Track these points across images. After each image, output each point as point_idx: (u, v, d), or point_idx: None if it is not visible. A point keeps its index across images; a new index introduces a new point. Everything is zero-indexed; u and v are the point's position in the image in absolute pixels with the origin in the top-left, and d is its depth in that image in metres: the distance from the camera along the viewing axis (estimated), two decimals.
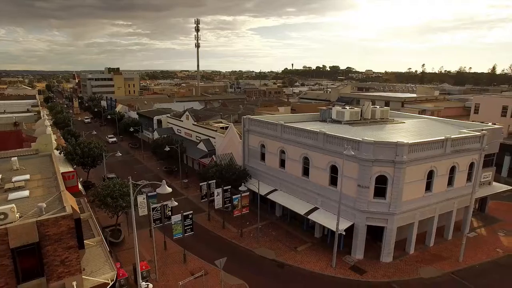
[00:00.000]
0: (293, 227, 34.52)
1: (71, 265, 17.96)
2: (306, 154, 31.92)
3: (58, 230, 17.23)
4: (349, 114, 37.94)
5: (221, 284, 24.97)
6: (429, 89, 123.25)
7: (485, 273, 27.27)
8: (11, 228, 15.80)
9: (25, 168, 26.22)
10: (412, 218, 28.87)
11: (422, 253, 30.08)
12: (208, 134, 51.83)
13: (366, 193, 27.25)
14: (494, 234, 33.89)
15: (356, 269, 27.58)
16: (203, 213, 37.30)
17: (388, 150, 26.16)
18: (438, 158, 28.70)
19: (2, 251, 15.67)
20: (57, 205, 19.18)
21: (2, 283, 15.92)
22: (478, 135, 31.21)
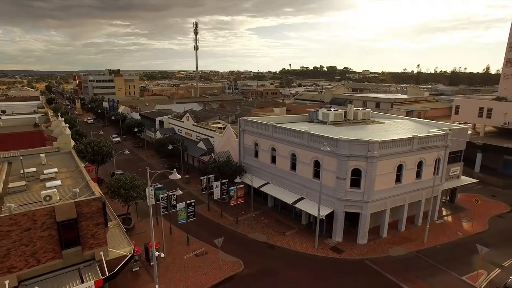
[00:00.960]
0: (283, 216, 39.09)
1: (99, 238, 22.48)
2: (294, 151, 36.50)
3: (90, 209, 21.73)
4: (333, 116, 42.53)
5: (219, 261, 29.52)
6: (419, 90, 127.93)
7: (444, 251, 31.93)
8: (57, 206, 20.29)
9: (51, 163, 30.66)
10: (384, 206, 33.49)
11: (394, 237, 34.70)
12: (207, 134, 56.32)
13: (343, 184, 31.86)
14: (458, 221, 38.60)
15: (335, 249, 32.17)
16: (203, 204, 41.78)
17: (361, 147, 30.77)
18: (407, 154, 33.35)
19: (50, 224, 20.16)
20: (86, 191, 23.66)
21: (51, 249, 20.40)
22: (443, 134, 35.89)
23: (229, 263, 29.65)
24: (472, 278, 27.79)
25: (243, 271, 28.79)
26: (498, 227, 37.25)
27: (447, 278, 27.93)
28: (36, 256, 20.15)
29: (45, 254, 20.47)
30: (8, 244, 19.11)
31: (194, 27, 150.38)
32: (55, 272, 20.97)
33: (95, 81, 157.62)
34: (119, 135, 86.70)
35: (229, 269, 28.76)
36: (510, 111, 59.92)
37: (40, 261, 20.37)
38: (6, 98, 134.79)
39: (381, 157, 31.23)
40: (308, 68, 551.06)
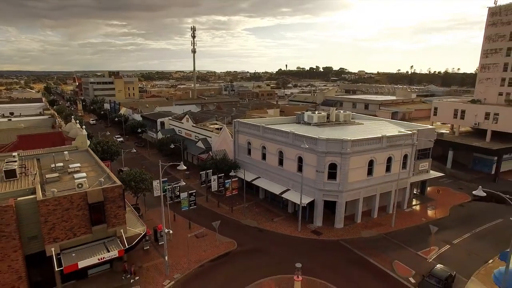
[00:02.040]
0: (272, 205, 44.71)
1: (120, 218, 27.99)
2: (281, 149, 42.12)
3: (113, 194, 27.22)
4: (317, 118, 48.17)
5: (216, 241, 35.07)
6: (408, 92, 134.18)
7: (407, 233, 37.67)
8: (88, 191, 25.77)
9: (73, 159, 36.07)
10: (358, 195, 39.18)
11: (366, 222, 40.39)
12: (205, 134, 61.81)
13: (322, 176, 37.49)
14: (424, 209, 44.42)
15: (316, 232, 37.80)
16: (202, 196, 47.27)
17: (336, 144, 36.43)
18: (377, 151, 39.03)
19: (83, 205, 25.63)
20: (108, 180, 29.14)
21: (84, 225, 25.87)
22: (409, 134, 41.64)
23: (225, 243, 35.21)
24: (425, 252, 33.55)
25: (236, 249, 34.37)
26: (457, 214, 43.08)
27: (406, 252, 33.65)
28: (73, 230, 25.63)
29: (79, 229, 25.95)
30: (54, 220, 24.58)
31: (191, 31, 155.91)
32: (87, 244, 26.46)
33: (96, 83, 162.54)
34: (121, 135, 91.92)
35: (224, 247, 34.33)
36: (480, 113, 65.95)
37: (76, 235, 25.85)
38: (10, 100, 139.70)
39: (354, 154, 36.91)
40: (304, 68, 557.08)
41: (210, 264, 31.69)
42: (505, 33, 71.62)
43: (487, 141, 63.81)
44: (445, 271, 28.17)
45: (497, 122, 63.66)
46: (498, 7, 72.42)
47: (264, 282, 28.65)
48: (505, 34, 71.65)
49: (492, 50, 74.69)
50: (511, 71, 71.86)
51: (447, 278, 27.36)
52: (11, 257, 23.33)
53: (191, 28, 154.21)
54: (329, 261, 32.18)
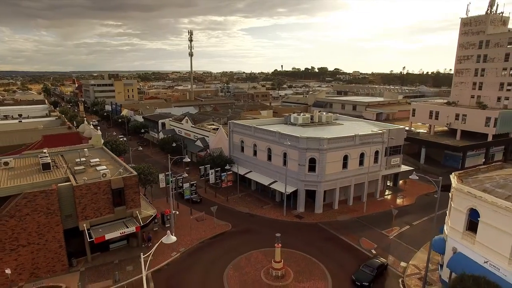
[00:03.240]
0: (262, 195, 51.34)
1: (136, 201, 34.47)
2: (269, 146, 48.77)
3: (130, 182, 33.70)
4: (302, 119, 54.89)
5: (214, 224, 41.62)
6: (394, 94, 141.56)
7: (376, 217, 44.36)
8: (112, 179, 32.25)
9: (92, 155, 42.43)
10: (334, 185, 45.88)
11: (343, 208, 47.11)
12: (203, 134, 68.31)
13: (303, 169, 44.17)
14: (394, 198, 51.29)
15: (298, 216, 44.47)
16: (201, 188, 53.73)
17: (315, 142, 43.13)
18: (351, 147, 45.77)
19: (108, 190, 32.09)
20: (125, 171, 35.60)
21: (107, 206, 32.33)
22: (380, 133, 48.45)
23: (221, 225, 41.79)
24: (388, 231, 40.38)
25: (231, 229, 40.98)
26: (422, 201, 49.97)
27: (372, 232, 40.41)
28: (100, 210, 32.08)
29: (104, 210, 32.42)
30: (85, 202, 31.03)
31: (189, 35, 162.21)
32: (110, 222, 32.93)
33: (96, 85, 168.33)
34: (124, 135, 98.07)
35: (221, 228, 40.93)
36: (451, 114, 73.12)
37: (102, 214, 32.31)
38: (14, 102, 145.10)
39: (330, 150, 43.64)
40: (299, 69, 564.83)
41: (209, 241, 38.28)
42: (475, 41, 78.89)
43: (457, 140, 71.00)
44: (378, 262, 32.35)
45: (465, 122, 70.88)
46: (469, 18, 79.67)
47: (253, 253, 35.30)
48: (475, 42, 78.93)
49: (464, 57, 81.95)
50: (481, 76, 79.16)
51: (379, 267, 31.50)
52: (55, 230, 29.74)
53: (189, 32, 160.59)
54: (308, 239, 38.83)
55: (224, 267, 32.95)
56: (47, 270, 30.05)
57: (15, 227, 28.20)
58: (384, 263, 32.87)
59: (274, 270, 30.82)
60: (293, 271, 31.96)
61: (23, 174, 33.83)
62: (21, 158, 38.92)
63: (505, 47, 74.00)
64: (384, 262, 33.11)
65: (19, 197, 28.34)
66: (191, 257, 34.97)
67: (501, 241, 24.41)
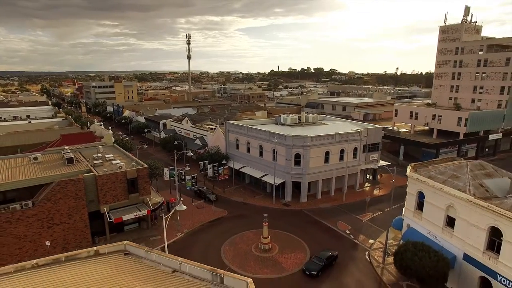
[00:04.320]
0: (255, 187, 57.86)
1: (146, 189, 40.90)
2: (261, 143, 55.28)
3: (142, 173, 40.12)
4: (290, 119, 61.48)
5: (212, 210, 48.09)
6: (383, 95, 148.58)
7: (354, 205, 50.99)
8: (127, 171, 38.66)
9: (106, 151, 48.72)
10: (317, 177, 52.47)
11: (325, 198, 53.72)
12: (202, 133, 74.69)
13: (290, 163, 50.72)
14: (372, 190, 57.96)
15: (286, 205, 51.02)
16: (200, 182, 60.17)
17: (299, 139, 49.70)
18: (331, 144, 52.36)
19: (124, 180, 38.49)
20: (137, 164, 41.97)
21: (123, 193, 38.71)
22: (357, 132, 55.08)
23: (219, 211, 48.29)
24: (362, 216, 47.08)
25: (227, 215, 47.48)
26: (396, 192, 56.24)
27: (349, 217, 47.05)
28: (117, 196, 38.48)
29: (121, 196, 38.83)
30: (105, 189, 37.43)
31: (187, 38, 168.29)
32: (125, 206, 39.32)
33: (97, 87, 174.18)
34: (127, 135, 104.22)
35: (218, 214, 47.43)
36: (429, 115, 80.00)
37: (119, 200, 38.71)
38: (20, 104, 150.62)
39: (313, 146, 50.23)
40: (295, 69, 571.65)
41: (208, 224, 44.79)
42: (451, 48, 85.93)
43: (434, 138, 77.85)
44: (327, 253, 35.32)
45: (441, 122, 77.77)
46: (447, 26, 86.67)
47: (245, 233, 41.85)
48: (452, 49, 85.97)
49: (443, 62, 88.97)
50: (457, 79, 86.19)
51: (328, 258, 34.68)
52: (81, 212, 36.09)
53: (187, 35, 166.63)
54: (293, 222, 45.40)
55: (221, 244, 39.45)
56: (75, 245, 36.36)
57: (51, 208, 34.54)
58: (334, 255, 35.76)
59: (262, 244, 37.39)
60: (278, 246, 38.54)
61: (51, 167, 40.10)
62: (46, 154, 45.14)
63: (477, 54, 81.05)
64: (334, 253, 35.97)
65: (53, 184, 34.71)
66: (193, 236, 41.42)
67: (438, 215, 31.11)
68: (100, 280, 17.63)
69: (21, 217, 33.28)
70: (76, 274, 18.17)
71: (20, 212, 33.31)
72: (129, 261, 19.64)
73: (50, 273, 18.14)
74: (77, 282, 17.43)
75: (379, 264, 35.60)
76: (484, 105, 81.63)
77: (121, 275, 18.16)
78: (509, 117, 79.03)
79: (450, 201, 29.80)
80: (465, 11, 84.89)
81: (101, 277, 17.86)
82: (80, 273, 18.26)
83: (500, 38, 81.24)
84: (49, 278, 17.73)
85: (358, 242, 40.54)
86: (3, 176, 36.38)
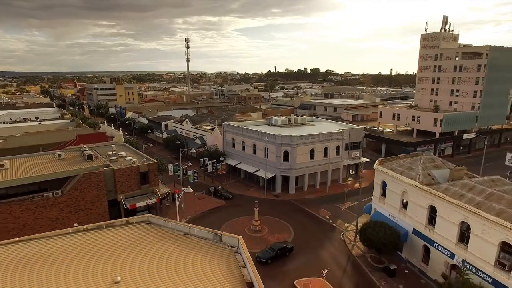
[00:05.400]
0: (249, 181, 64.96)
1: (155, 181, 47.93)
2: (254, 142, 62.40)
3: (152, 167, 47.15)
4: (281, 121, 68.64)
5: (212, 200, 55.14)
6: (372, 97, 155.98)
7: (336, 196, 58.13)
8: (140, 165, 45.67)
9: (118, 149, 55.60)
10: (303, 172, 59.63)
11: (311, 190, 60.88)
12: (201, 133, 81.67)
13: (279, 159, 57.85)
14: (353, 183, 65.20)
15: (276, 196, 58.15)
16: (201, 177, 67.19)
17: (287, 138, 56.85)
18: (316, 143, 59.53)
19: (137, 173, 45.50)
20: (147, 160, 48.95)
21: (136, 184, 45.71)
22: (339, 132, 62.28)
23: (217, 201, 55.37)
24: (342, 205, 54.29)
25: (224, 205, 54.59)
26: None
27: (330, 205, 54.25)
28: (131, 187, 45.47)
29: (134, 187, 45.80)
30: (122, 181, 44.42)
31: (186, 42, 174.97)
32: (138, 195, 46.30)
33: (100, 89, 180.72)
34: (131, 136, 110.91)
35: (217, 204, 54.53)
36: (409, 116, 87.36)
37: (132, 190, 45.70)
38: (26, 106, 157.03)
39: (299, 144, 57.38)
40: (292, 70, 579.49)
41: (208, 212, 51.87)
42: (431, 54, 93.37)
43: (413, 137, 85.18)
44: (280, 245, 39.18)
45: (419, 122, 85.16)
46: (427, 34, 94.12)
47: (240, 218, 48.96)
48: (431, 55, 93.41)
49: (424, 67, 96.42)
50: (437, 83, 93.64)
51: (281, 249, 38.39)
52: (102, 199, 43.05)
53: (185, 39, 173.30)
54: (282, 210, 52.52)
55: (219, 226, 46.39)
56: None
57: (77, 197, 41.47)
58: (288, 246, 39.44)
59: (253, 226, 44.53)
60: (268, 228, 45.70)
61: (73, 163, 46.99)
62: (67, 152, 51.99)
63: (453, 60, 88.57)
64: (289, 245, 39.70)
65: (79, 176, 41.65)
66: (195, 221, 48.31)
67: (396, 200, 38.35)
68: (132, 238, 24.68)
69: (53, 203, 40.20)
70: (114, 235, 25.20)
71: (53, 199, 40.25)
72: (151, 228, 26.66)
73: (96, 234, 25.17)
74: (116, 239, 24.46)
75: (351, 242, 42.80)
76: (460, 107, 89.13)
77: (147, 236, 25.19)
78: (482, 118, 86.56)
79: (404, 187, 37.01)
80: (443, 21, 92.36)
81: (133, 237, 24.91)
82: (117, 234, 25.29)
83: (473, 47, 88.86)
84: (96, 237, 24.76)
85: (335, 226, 47.73)
86: (35, 170, 43.26)
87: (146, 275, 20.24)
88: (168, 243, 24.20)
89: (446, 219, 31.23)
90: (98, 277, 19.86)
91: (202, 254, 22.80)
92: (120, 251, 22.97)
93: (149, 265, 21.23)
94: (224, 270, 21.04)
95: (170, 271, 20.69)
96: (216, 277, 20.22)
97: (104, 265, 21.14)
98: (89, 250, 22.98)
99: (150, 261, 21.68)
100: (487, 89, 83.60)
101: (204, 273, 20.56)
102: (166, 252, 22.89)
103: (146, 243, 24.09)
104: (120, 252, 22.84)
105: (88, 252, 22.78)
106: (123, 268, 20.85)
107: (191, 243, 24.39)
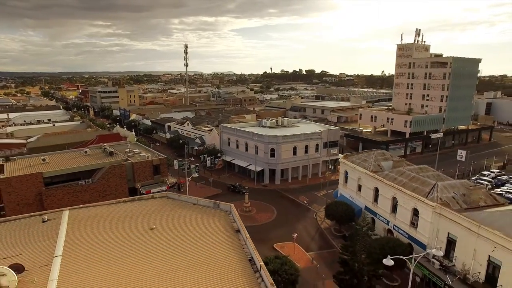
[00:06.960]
0: (243, 174, 76.14)
1: (165, 172, 59.00)
2: (246, 141, 73.57)
3: (162, 161, 58.23)
4: (269, 123, 79.90)
5: (211, 189, 66.24)
6: (359, 99, 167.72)
7: (314, 186, 69.40)
8: (153, 159, 56.72)
9: (132, 147, 66.47)
10: (287, 166, 70.88)
11: (294, 181, 72.11)
12: (201, 134, 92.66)
13: (267, 155, 69.06)
14: (331, 176, 76.57)
15: (264, 186, 69.35)
16: (201, 171, 78.21)
17: (273, 138, 68.09)
18: (298, 141, 70.78)
19: (150, 166, 56.52)
20: (158, 155, 59.95)
21: (149, 175, 56.70)
22: (318, 132, 73.59)
23: (215, 190, 66.51)
24: (318, 193, 65.58)
25: (222, 193, 65.73)
26: None
27: (309, 193, 65.52)
28: (146, 177, 56.45)
29: (148, 177, 56.78)
30: (139, 172, 55.42)
31: (184, 48, 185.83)
32: (151, 184, 57.27)
33: (103, 92, 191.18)
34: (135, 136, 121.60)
35: (215, 192, 65.65)
36: (384, 118, 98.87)
37: (147, 179, 56.67)
38: (34, 108, 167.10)
39: (283, 143, 68.62)
40: (288, 71, 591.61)
41: (208, 198, 62.77)
42: (406, 62, 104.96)
43: (388, 137, 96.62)
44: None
45: (393, 124, 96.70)
46: (402, 45, 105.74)
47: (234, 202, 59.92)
48: (406, 63, 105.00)
49: (400, 73, 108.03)
50: (411, 88, 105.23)
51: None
52: (123, 186, 53.97)
53: (184, 45, 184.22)
54: (269, 197, 63.73)
55: None
56: None
57: (104, 184, 52.38)
58: None
59: (244, 207, 55.71)
60: (256, 209, 56.90)
61: (98, 158, 57.84)
62: (91, 149, 62.83)
63: (424, 68, 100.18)
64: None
65: (105, 168, 52.57)
66: None
67: (354, 185, 49.68)
68: (157, 206, 35.75)
69: (86, 189, 51.11)
70: (145, 204, 36.24)
71: (86, 186, 51.17)
72: (169, 200, 37.72)
73: (132, 204, 36.24)
74: (146, 207, 35.52)
75: (321, 219, 54.08)
76: (430, 110, 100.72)
77: (168, 205, 36.24)
78: (448, 120, 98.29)
79: (359, 174, 48.29)
80: (416, 32, 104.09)
81: (158, 205, 35.99)
82: (146, 204, 36.35)
83: (440, 57, 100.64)
84: (132, 206, 35.80)
85: (311, 208, 59.00)
86: (69, 164, 54.10)
87: (170, 226, 31.32)
88: (183, 210, 35.25)
89: (384, 196, 42.55)
90: (139, 226, 30.89)
91: (206, 216, 33.88)
92: (150, 213, 34.01)
93: (172, 221, 32.31)
94: (221, 224, 32.17)
95: (186, 224, 31.79)
96: (216, 228, 31.35)
97: (141, 221, 32.17)
98: (129, 213, 34.02)
99: (172, 219, 32.77)
100: (451, 94, 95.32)
101: (208, 226, 31.68)
102: (182, 215, 33.97)
103: (167, 209, 35.14)
104: (150, 214, 33.88)
105: (129, 214, 33.81)
106: (154, 223, 31.87)
107: (199, 209, 35.46)
